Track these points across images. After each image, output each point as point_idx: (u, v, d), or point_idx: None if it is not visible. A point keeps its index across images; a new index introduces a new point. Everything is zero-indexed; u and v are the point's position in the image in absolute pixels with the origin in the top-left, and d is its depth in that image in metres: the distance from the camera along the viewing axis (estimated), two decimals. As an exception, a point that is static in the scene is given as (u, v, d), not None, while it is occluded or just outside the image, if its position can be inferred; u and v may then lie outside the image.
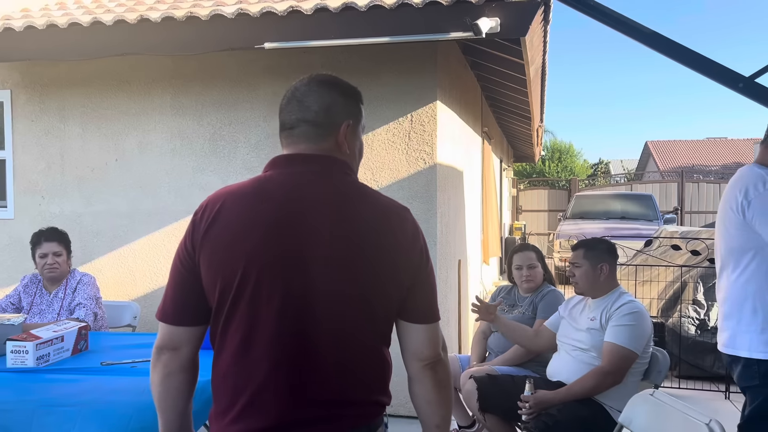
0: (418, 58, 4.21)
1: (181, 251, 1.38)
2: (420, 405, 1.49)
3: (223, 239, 1.31)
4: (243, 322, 1.31)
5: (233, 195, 1.36)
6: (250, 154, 4.58)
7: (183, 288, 1.37)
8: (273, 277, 1.30)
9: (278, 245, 1.30)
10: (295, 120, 1.44)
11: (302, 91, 1.45)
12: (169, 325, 1.39)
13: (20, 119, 4.92)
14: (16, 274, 4.94)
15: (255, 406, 1.31)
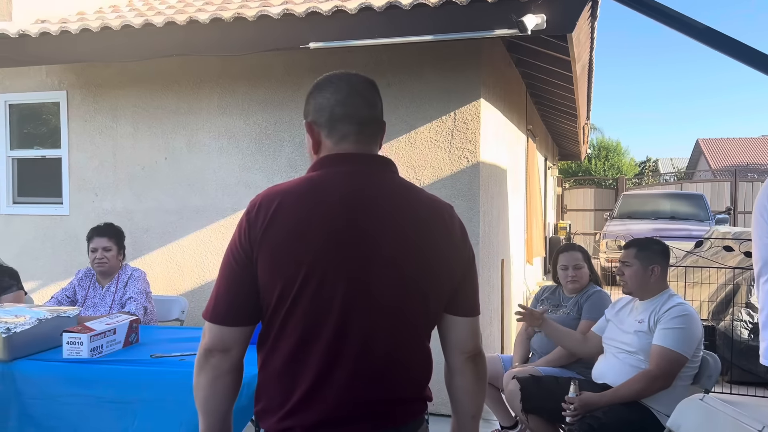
0: (462, 56, 4.19)
1: (235, 250, 1.35)
2: (459, 396, 1.54)
3: (284, 239, 1.31)
4: (302, 320, 1.32)
5: (290, 194, 1.35)
6: (294, 153, 4.64)
7: (237, 287, 1.35)
8: (335, 277, 1.31)
9: (340, 245, 1.32)
10: (367, 117, 1.45)
11: (362, 87, 1.46)
12: (221, 325, 1.35)
13: (75, 119, 5.10)
14: (71, 268, 5.12)
15: (309, 402, 1.33)
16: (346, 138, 1.44)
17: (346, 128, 1.44)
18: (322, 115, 1.45)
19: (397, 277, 1.36)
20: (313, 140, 1.47)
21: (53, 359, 2.78)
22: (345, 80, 1.47)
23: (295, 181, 1.40)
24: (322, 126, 1.45)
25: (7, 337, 2.72)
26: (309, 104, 1.49)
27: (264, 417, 1.40)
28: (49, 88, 5.15)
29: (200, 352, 1.39)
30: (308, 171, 1.46)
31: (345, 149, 1.44)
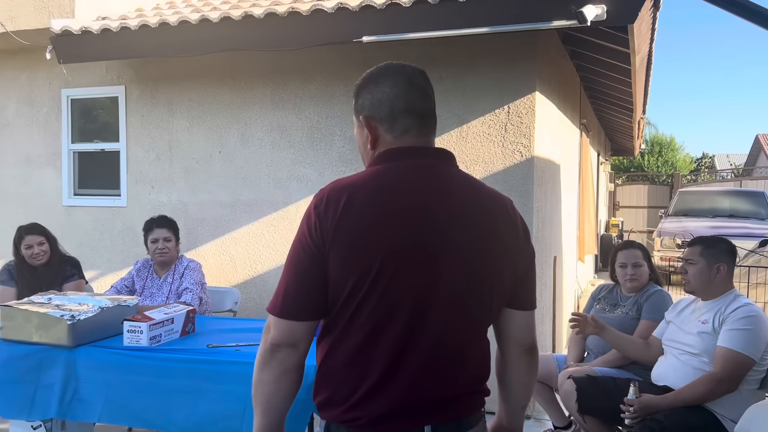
0: (517, 48, 4.11)
1: (305, 244, 1.34)
2: (511, 388, 1.57)
3: (356, 233, 1.30)
4: (373, 314, 1.32)
5: (359, 188, 1.34)
6: (345, 147, 4.64)
7: (307, 282, 1.33)
8: (407, 271, 1.31)
9: (411, 239, 1.32)
10: (426, 109, 1.44)
11: (419, 79, 1.45)
12: (289, 320, 1.34)
13: (133, 113, 5.23)
14: (128, 258, 5.27)
15: (377, 393, 1.34)
16: (407, 132, 1.43)
17: (407, 122, 1.43)
18: (381, 110, 1.43)
19: (466, 272, 1.36)
20: (371, 136, 1.45)
21: (114, 347, 2.86)
22: (401, 72, 1.46)
23: (361, 175, 1.40)
24: (381, 120, 1.43)
25: (72, 324, 2.81)
26: (363, 98, 1.47)
27: (327, 408, 1.40)
28: (108, 83, 5.29)
29: (265, 347, 1.38)
30: (370, 165, 1.45)
31: (406, 143, 1.43)
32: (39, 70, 5.51)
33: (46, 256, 3.86)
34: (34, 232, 3.85)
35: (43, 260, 3.85)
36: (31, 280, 3.87)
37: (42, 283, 3.83)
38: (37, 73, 5.53)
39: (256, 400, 1.42)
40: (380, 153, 1.43)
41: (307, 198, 4.74)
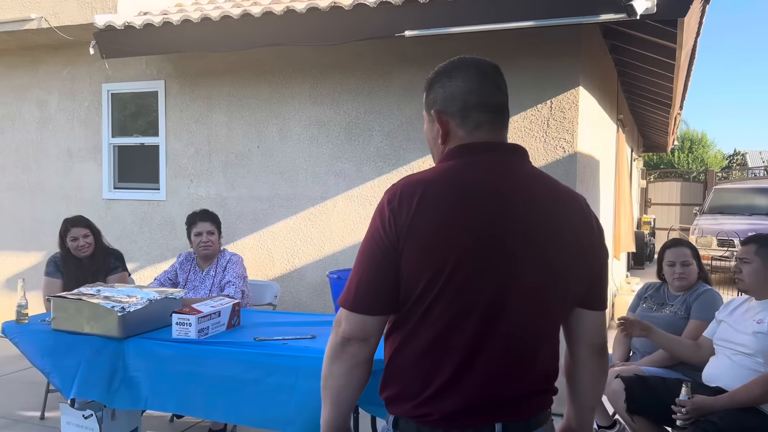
0: (561, 42, 4.05)
1: (378, 239, 1.33)
2: (581, 388, 1.54)
3: (432, 229, 1.29)
4: (448, 310, 1.30)
5: (433, 184, 1.33)
6: (383, 142, 4.64)
7: (380, 276, 1.33)
8: (483, 267, 1.30)
9: (488, 235, 1.30)
10: (500, 104, 1.42)
11: (493, 73, 1.43)
12: (362, 314, 1.34)
13: (172, 108, 5.28)
14: (166, 251, 5.34)
15: (450, 389, 1.33)
16: (480, 127, 1.41)
17: (480, 117, 1.40)
18: (453, 104, 1.41)
19: (542, 269, 1.34)
20: (442, 130, 1.43)
21: (162, 338, 2.89)
22: (475, 66, 1.43)
23: (434, 171, 1.38)
24: (453, 115, 1.41)
25: (122, 316, 2.85)
26: (435, 92, 1.45)
27: (397, 402, 1.39)
28: (148, 78, 5.35)
29: (336, 340, 1.38)
30: (441, 160, 1.43)
31: (479, 138, 1.40)
32: (80, 65, 5.60)
33: (90, 249, 3.92)
34: (79, 224, 3.92)
35: (88, 252, 3.91)
36: (76, 271, 3.94)
37: (87, 275, 3.89)
38: (79, 68, 5.61)
39: (325, 392, 1.42)
40: (452, 148, 1.41)
41: (344, 193, 4.74)
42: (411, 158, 4.54)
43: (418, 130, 4.52)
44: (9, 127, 5.92)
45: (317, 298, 4.84)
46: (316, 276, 4.84)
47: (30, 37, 5.42)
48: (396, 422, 1.40)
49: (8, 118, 5.92)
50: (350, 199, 4.73)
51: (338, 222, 4.77)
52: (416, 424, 1.36)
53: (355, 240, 4.72)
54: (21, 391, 4.52)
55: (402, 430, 1.38)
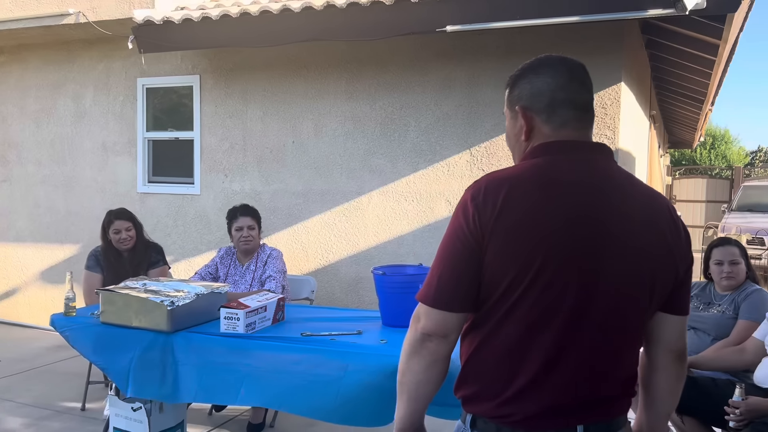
0: (604, 37, 4.01)
1: (462, 235, 1.32)
2: (658, 394, 1.52)
3: (518, 226, 1.28)
4: (533, 308, 1.30)
5: (518, 181, 1.32)
6: (419, 138, 4.62)
7: (462, 273, 1.32)
8: (569, 267, 1.28)
9: (575, 234, 1.29)
10: (586, 102, 1.41)
11: (580, 72, 1.41)
12: (442, 310, 1.34)
13: (207, 102, 5.31)
14: (200, 245, 5.38)
15: (533, 389, 1.32)
16: (566, 124, 1.39)
17: (566, 114, 1.39)
18: (540, 100, 1.40)
19: (629, 271, 1.32)
20: (526, 126, 1.42)
21: (210, 332, 2.91)
22: (563, 63, 1.42)
23: (519, 168, 1.37)
24: (539, 111, 1.40)
25: (171, 310, 2.87)
26: (521, 88, 1.43)
27: (476, 402, 1.39)
28: (183, 73, 5.38)
29: (415, 336, 1.37)
30: (525, 157, 1.42)
31: (566, 136, 1.39)
32: (115, 60, 5.64)
33: (132, 242, 3.96)
34: (123, 217, 3.96)
35: (129, 245, 3.96)
36: (116, 265, 3.98)
37: (128, 269, 3.93)
38: (114, 63, 5.65)
39: (402, 387, 1.42)
40: (537, 146, 1.40)
41: (379, 188, 4.74)
42: (447, 154, 4.53)
43: (456, 126, 4.50)
44: (45, 120, 5.99)
45: (351, 294, 4.85)
46: (351, 271, 4.84)
47: (66, 31, 5.47)
48: (474, 421, 1.39)
49: (44, 112, 5.99)
50: (385, 194, 4.72)
51: (373, 217, 4.77)
52: (496, 425, 1.35)
53: (389, 236, 4.72)
54: (60, 381, 4.58)
55: (480, 429, 1.38)
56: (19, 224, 6.17)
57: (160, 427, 3.00)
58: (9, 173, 6.20)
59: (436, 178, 4.57)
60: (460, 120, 4.48)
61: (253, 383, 2.76)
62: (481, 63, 4.42)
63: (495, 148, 4.39)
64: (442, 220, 4.56)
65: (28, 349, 5.38)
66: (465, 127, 4.47)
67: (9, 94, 6.15)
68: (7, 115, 6.18)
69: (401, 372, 1.42)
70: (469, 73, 4.45)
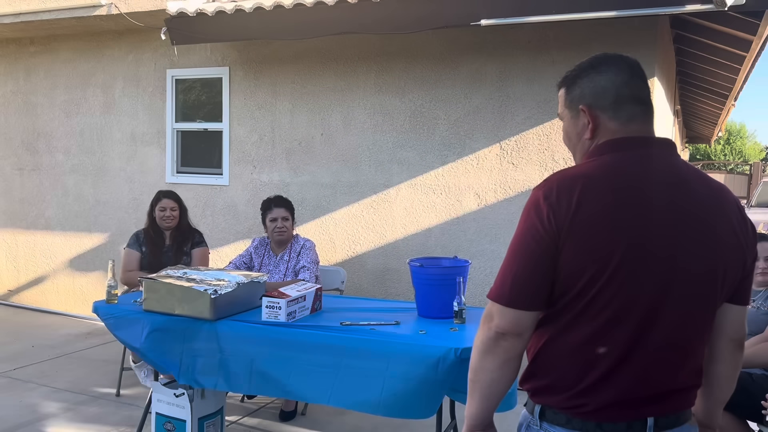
0: (637, 32, 4.01)
1: (536, 233, 1.33)
2: (716, 382, 1.53)
3: (595, 224, 1.30)
4: (609, 306, 1.32)
5: (592, 179, 1.34)
6: (448, 131, 4.65)
7: (537, 271, 1.34)
8: (645, 263, 1.31)
9: (650, 231, 1.32)
10: (648, 98, 1.45)
11: (639, 68, 1.45)
12: (517, 309, 1.35)
13: (236, 94, 5.35)
14: (228, 235, 5.44)
15: (607, 381, 1.35)
16: (633, 119, 1.42)
17: (633, 109, 1.42)
18: (605, 97, 1.42)
19: (702, 264, 1.36)
20: (592, 124, 1.43)
21: (252, 321, 2.97)
22: (623, 60, 1.44)
23: (589, 166, 1.39)
24: (605, 108, 1.42)
25: (215, 298, 2.92)
26: (583, 87, 1.45)
27: (546, 393, 1.41)
28: (212, 64, 5.43)
29: (489, 334, 1.39)
30: (593, 154, 1.43)
31: (634, 131, 1.41)
32: (145, 51, 5.69)
33: (174, 222, 4.14)
34: (170, 197, 4.21)
35: (172, 225, 4.14)
36: (157, 242, 4.14)
37: (168, 247, 4.09)
38: (143, 54, 5.71)
39: (475, 385, 1.44)
40: (604, 143, 1.42)
41: (408, 181, 4.77)
42: (477, 147, 4.55)
43: (485, 119, 4.52)
44: (74, 110, 6.06)
45: (378, 285, 4.89)
46: (378, 263, 4.89)
47: (97, 23, 5.53)
48: (543, 412, 1.42)
49: (73, 103, 6.06)
50: (413, 187, 4.75)
51: (401, 210, 4.80)
52: (566, 416, 1.38)
53: (417, 228, 4.76)
54: (93, 367, 4.67)
55: (550, 420, 1.40)
56: (48, 213, 6.26)
57: (202, 412, 3.07)
58: (38, 162, 6.29)
59: (465, 172, 4.59)
60: (491, 113, 4.50)
61: (300, 378, 2.81)
62: (512, 57, 4.43)
63: (525, 142, 4.41)
64: (471, 213, 4.59)
65: (58, 335, 5.48)
66: (495, 120, 4.49)
67: (39, 84, 6.23)
68: (36, 104, 6.26)
69: (473, 370, 1.43)
70: (500, 67, 4.46)
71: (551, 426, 1.40)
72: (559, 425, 1.39)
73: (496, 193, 4.51)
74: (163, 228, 4.17)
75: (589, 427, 1.36)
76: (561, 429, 1.38)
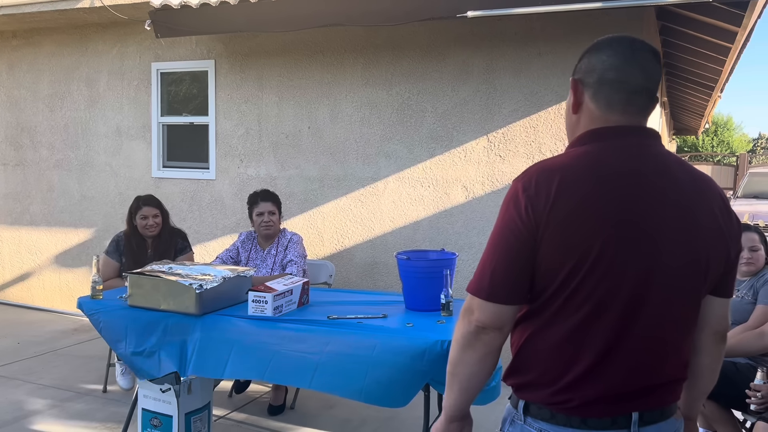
0: (623, 24, 4.01)
1: (514, 227, 1.32)
2: (700, 375, 1.53)
3: (574, 217, 1.29)
4: (590, 298, 1.31)
5: (570, 170, 1.32)
6: (436, 124, 4.64)
7: (517, 265, 1.33)
8: (626, 255, 1.30)
9: (630, 223, 1.30)
10: (641, 87, 1.39)
11: (645, 56, 1.39)
12: (497, 303, 1.34)
13: (222, 87, 5.31)
14: (215, 230, 5.41)
15: (591, 376, 1.33)
16: (611, 106, 1.38)
17: (612, 95, 1.38)
18: (590, 76, 1.40)
19: (685, 256, 1.34)
20: (574, 99, 1.43)
21: (238, 315, 2.95)
22: (626, 45, 1.40)
23: (568, 157, 1.37)
24: (588, 86, 1.41)
25: (200, 293, 2.91)
26: (581, 62, 1.44)
27: (530, 389, 1.40)
28: (198, 58, 5.38)
29: (468, 328, 1.39)
30: (574, 144, 1.42)
31: (613, 121, 1.39)
32: (129, 44, 5.64)
33: (158, 229, 4.00)
34: (151, 203, 4.00)
35: (155, 233, 4.00)
36: (138, 252, 4.01)
37: (150, 256, 3.96)
38: (128, 47, 5.65)
39: (454, 378, 1.43)
40: (585, 133, 1.40)
41: (395, 174, 4.76)
42: (465, 139, 4.55)
43: (473, 112, 4.51)
44: (58, 105, 5.99)
45: (366, 278, 4.89)
46: (366, 256, 4.88)
47: (80, 15, 5.46)
48: (527, 407, 1.41)
49: (57, 97, 5.99)
50: (401, 180, 4.75)
51: (389, 203, 4.80)
52: (550, 411, 1.37)
53: (405, 221, 4.75)
54: (79, 363, 4.64)
55: (534, 415, 1.39)
56: (33, 208, 6.20)
57: (188, 408, 3.05)
58: (22, 157, 6.22)
59: (452, 164, 4.59)
60: (478, 106, 4.50)
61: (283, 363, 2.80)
62: (499, 49, 4.42)
63: (512, 134, 4.41)
64: (459, 206, 4.59)
65: (44, 331, 5.44)
66: (482, 113, 4.49)
67: (22, 78, 6.16)
68: (19, 99, 6.19)
69: (453, 363, 1.43)
70: (487, 59, 4.46)
71: (535, 421, 1.39)
72: (543, 420, 1.38)
73: (484, 186, 4.51)
74: (146, 236, 4.03)
75: (573, 423, 1.35)
76: (545, 424, 1.37)
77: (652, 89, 1.42)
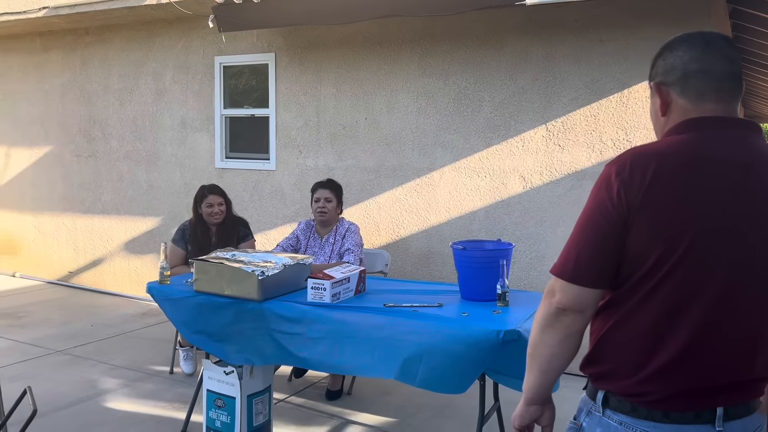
0: (689, 9, 3.88)
1: (604, 209, 1.31)
2: None
3: (668, 204, 1.27)
4: (679, 287, 1.29)
5: (667, 156, 1.30)
6: (493, 113, 4.61)
7: (604, 249, 1.32)
8: (718, 246, 1.27)
9: (724, 213, 1.28)
10: (727, 73, 1.36)
11: (720, 43, 1.37)
12: (580, 286, 1.33)
13: (282, 80, 5.43)
14: (276, 219, 5.55)
15: (674, 369, 1.31)
16: (704, 96, 1.36)
17: (701, 85, 1.36)
18: (672, 74, 1.38)
19: None
20: (661, 100, 1.40)
21: (298, 301, 3.04)
22: (699, 37, 1.39)
23: (664, 144, 1.35)
24: (673, 84, 1.38)
25: (262, 280, 3.00)
26: (657, 66, 1.43)
27: (609, 379, 1.38)
28: (258, 51, 5.51)
29: (549, 310, 1.39)
30: (670, 133, 1.39)
31: (707, 110, 1.36)
32: (193, 39, 5.82)
33: (222, 216, 4.15)
34: (215, 192, 4.17)
35: (219, 220, 4.15)
36: (202, 239, 4.17)
37: (214, 243, 4.12)
38: (192, 42, 5.84)
39: (534, 359, 1.43)
40: (682, 122, 1.37)
41: (451, 164, 4.76)
42: (522, 129, 4.50)
43: (531, 101, 4.46)
44: (128, 99, 6.26)
45: (422, 268, 4.92)
46: (422, 246, 4.91)
47: (148, 12, 5.68)
48: (606, 399, 1.39)
49: (126, 91, 6.26)
50: (457, 170, 4.74)
51: (444, 193, 4.80)
52: (631, 403, 1.34)
53: (461, 211, 4.75)
54: (147, 346, 4.86)
55: (614, 407, 1.37)
56: (104, 197, 6.51)
57: (250, 390, 3.16)
58: (94, 149, 6.53)
59: (510, 154, 4.56)
60: (536, 94, 4.44)
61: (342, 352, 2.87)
62: (558, 36, 4.35)
63: (572, 123, 4.34)
64: (516, 196, 4.56)
65: (115, 315, 5.72)
66: (541, 101, 4.43)
67: (94, 72, 6.46)
68: (92, 93, 6.50)
69: (533, 344, 1.43)
70: (546, 47, 4.39)
71: (615, 413, 1.36)
72: (623, 413, 1.35)
73: (542, 176, 4.46)
74: (211, 224, 4.18)
75: (655, 416, 1.32)
76: (625, 417, 1.35)
77: (737, 73, 1.38)
